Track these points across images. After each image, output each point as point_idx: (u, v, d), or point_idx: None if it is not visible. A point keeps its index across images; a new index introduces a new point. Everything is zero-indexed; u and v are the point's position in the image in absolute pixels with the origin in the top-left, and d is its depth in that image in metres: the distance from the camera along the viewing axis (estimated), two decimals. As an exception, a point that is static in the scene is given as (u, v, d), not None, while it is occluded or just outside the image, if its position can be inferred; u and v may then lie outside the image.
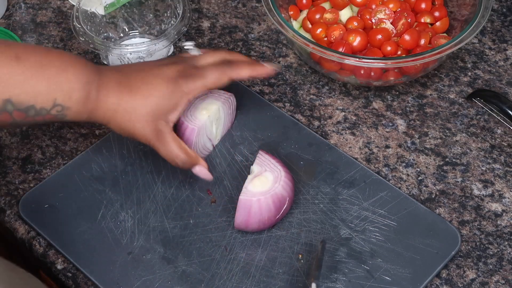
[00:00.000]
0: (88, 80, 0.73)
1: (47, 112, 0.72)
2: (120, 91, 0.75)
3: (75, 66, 0.73)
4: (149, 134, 0.77)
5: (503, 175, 0.89)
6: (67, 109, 0.73)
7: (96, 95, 0.74)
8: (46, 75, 0.71)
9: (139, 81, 0.77)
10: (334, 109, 0.97)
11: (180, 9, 0.98)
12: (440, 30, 1.00)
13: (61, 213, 0.84)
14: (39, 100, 0.71)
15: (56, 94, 0.71)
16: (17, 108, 0.70)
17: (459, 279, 0.80)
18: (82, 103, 0.73)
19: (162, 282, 0.79)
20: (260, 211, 0.79)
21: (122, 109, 0.75)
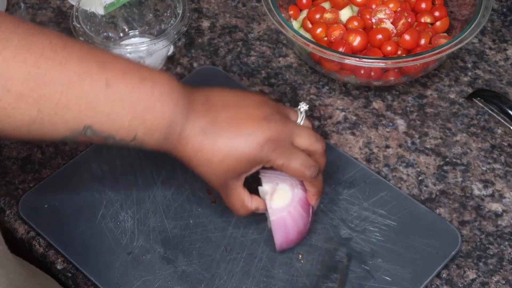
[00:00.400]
0: (173, 121, 0.70)
1: (126, 143, 0.70)
2: (201, 142, 0.71)
3: (164, 103, 0.69)
4: (218, 186, 0.75)
5: (503, 175, 0.89)
6: (146, 144, 0.71)
7: (178, 138, 0.71)
8: (132, 111, 0.68)
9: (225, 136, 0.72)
10: (334, 109, 0.97)
11: (180, 9, 0.98)
12: (440, 30, 1.00)
13: (61, 213, 0.84)
14: (120, 133, 0.68)
15: (138, 130, 0.69)
16: (97, 135, 0.68)
17: (459, 279, 0.80)
18: (161, 142, 0.71)
19: (162, 282, 0.79)
20: (295, 222, 0.78)
21: (199, 159, 0.72)
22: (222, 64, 1.02)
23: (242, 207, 0.76)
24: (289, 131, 0.74)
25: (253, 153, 0.72)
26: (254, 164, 0.73)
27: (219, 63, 1.02)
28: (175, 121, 0.70)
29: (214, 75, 0.99)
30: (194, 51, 1.04)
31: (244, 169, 0.73)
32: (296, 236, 0.79)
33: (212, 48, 1.04)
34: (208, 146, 0.72)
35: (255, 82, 1.00)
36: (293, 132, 0.75)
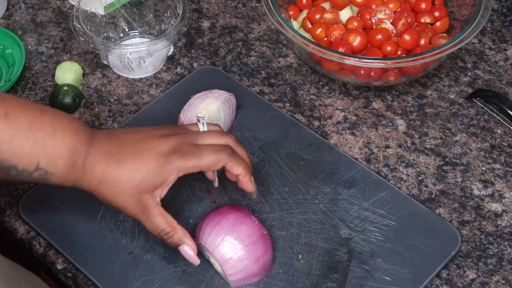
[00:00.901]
0: (75, 148, 0.70)
1: (29, 174, 0.69)
2: (107, 162, 0.72)
3: (65, 132, 0.70)
4: (133, 208, 0.73)
5: (503, 175, 0.89)
6: (50, 174, 0.70)
7: (83, 164, 0.71)
8: (32, 138, 0.68)
9: (130, 153, 0.72)
10: (334, 109, 0.97)
11: (180, 9, 0.98)
12: (440, 30, 1.00)
13: (61, 213, 0.84)
14: (22, 162, 0.68)
15: (40, 158, 0.69)
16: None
17: (459, 279, 0.80)
18: (66, 170, 0.71)
19: (162, 282, 0.79)
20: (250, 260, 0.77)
21: (107, 180, 0.72)
22: (222, 64, 1.02)
23: (166, 222, 0.73)
24: (191, 137, 0.75)
25: (160, 163, 0.72)
26: (164, 175, 0.72)
27: (219, 63, 1.02)
28: (78, 148, 0.71)
29: (214, 75, 0.99)
30: (194, 51, 1.04)
31: (155, 182, 0.72)
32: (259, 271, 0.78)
33: (212, 48, 1.04)
34: (113, 166, 0.72)
35: (255, 82, 1.00)
36: (195, 137, 0.75)
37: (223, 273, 0.77)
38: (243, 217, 0.78)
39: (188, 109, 0.88)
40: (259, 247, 0.77)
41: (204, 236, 0.77)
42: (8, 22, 1.08)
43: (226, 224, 0.76)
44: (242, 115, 0.94)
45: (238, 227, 0.76)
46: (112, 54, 0.96)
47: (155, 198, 0.73)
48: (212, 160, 0.73)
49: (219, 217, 0.77)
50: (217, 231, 0.76)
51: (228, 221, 0.77)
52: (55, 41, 1.05)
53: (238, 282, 0.77)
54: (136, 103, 0.97)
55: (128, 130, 0.76)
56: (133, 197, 0.72)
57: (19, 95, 0.98)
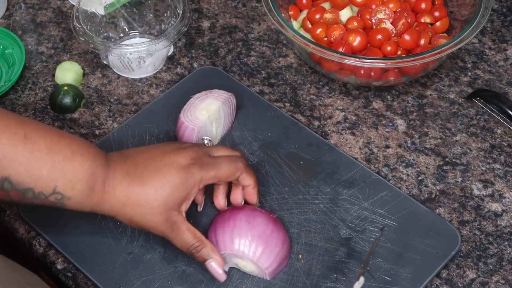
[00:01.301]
0: (93, 172, 0.70)
1: (46, 197, 0.69)
2: (129, 183, 0.72)
3: (83, 155, 0.70)
4: (162, 226, 0.73)
5: (503, 175, 0.89)
6: (67, 198, 0.70)
7: (102, 187, 0.71)
8: (50, 161, 0.68)
9: (151, 171, 0.72)
10: (334, 109, 0.97)
11: (180, 9, 0.98)
12: (440, 30, 1.00)
13: (61, 213, 0.84)
14: (39, 185, 0.68)
15: (58, 182, 0.69)
16: (15, 188, 0.68)
17: (459, 279, 0.80)
18: (86, 195, 0.70)
19: (162, 282, 0.79)
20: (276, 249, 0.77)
21: (132, 202, 0.72)
22: (222, 64, 1.02)
23: (195, 237, 0.74)
24: (204, 149, 0.77)
25: (183, 176, 0.72)
26: (188, 188, 0.73)
27: (219, 63, 1.02)
28: (96, 172, 0.71)
29: (214, 75, 0.99)
30: (194, 51, 1.04)
31: (181, 196, 0.73)
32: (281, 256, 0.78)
33: (212, 48, 1.04)
34: (137, 185, 0.72)
35: (255, 82, 1.00)
36: (208, 149, 0.77)
37: (258, 269, 0.77)
38: (250, 211, 0.78)
39: (188, 109, 0.88)
40: (279, 230, 0.78)
41: (228, 244, 0.77)
42: (8, 22, 1.08)
43: (243, 224, 0.77)
44: (242, 115, 0.94)
45: (254, 222, 0.77)
46: (112, 54, 0.96)
47: (182, 213, 0.74)
48: (230, 170, 0.76)
49: (231, 221, 0.77)
50: (239, 234, 0.76)
51: (242, 221, 0.77)
52: (55, 41, 1.05)
53: (274, 272, 0.78)
54: (136, 103, 0.97)
55: (140, 149, 0.76)
56: (162, 215, 0.72)
57: (19, 95, 0.98)
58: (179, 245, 0.74)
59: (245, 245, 0.76)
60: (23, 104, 0.97)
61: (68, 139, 0.71)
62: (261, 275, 0.78)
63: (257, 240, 0.76)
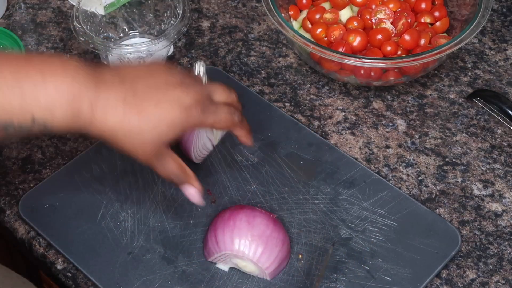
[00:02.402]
0: (75, 94, 0.65)
1: (29, 129, 0.65)
2: (125, 111, 0.67)
3: (57, 78, 0.64)
4: (150, 156, 0.71)
5: (503, 175, 0.89)
6: (51, 125, 0.65)
7: (90, 111, 0.66)
8: (19, 90, 0.62)
9: (151, 104, 0.69)
10: (334, 109, 0.97)
11: (180, 9, 0.98)
12: (440, 30, 1.00)
13: (61, 213, 0.84)
14: (15, 117, 0.63)
15: (34, 111, 0.63)
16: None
17: (459, 279, 0.80)
18: (70, 119, 0.65)
19: (162, 282, 0.79)
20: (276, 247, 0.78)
21: (125, 130, 0.68)
22: (222, 64, 1.02)
23: (179, 167, 0.74)
24: (206, 91, 0.74)
25: (184, 117, 0.70)
26: (185, 128, 0.72)
27: (219, 63, 1.02)
28: (79, 95, 0.65)
29: (214, 75, 0.99)
30: (194, 51, 1.04)
31: (176, 135, 0.71)
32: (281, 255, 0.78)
33: (212, 48, 1.04)
34: (133, 115, 0.68)
35: (255, 82, 1.00)
36: (209, 90, 0.75)
37: (258, 269, 0.77)
38: (250, 211, 0.78)
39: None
40: (279, 230, 0.78)
41: (228, 244, 0.76)
42: (8, 22, 1.08)
43: (243, 224, 0.77)
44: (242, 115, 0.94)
45: (254, 222, 0.77)
46: (112, 54, 0.96)
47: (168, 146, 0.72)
48: (227, 122, 0.76)
49: (231, 222, 0.77)
50: (239, 235, 0.76)
51: (241, 221, 0.77)
52: (55, 41, 1.05)
53: (274, 272, 0.78)
54: (136, 103, 0.97)
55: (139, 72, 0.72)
56: (152, 148, 0.70)
57: (19, 95, 0.98)
58: (162, 174, 0.74)
59: (245, 245, 0.76)
60: (23, 104, 0.97)
61: (37, 62, 0.65)
62: (261, 275, 0.78)
63: (257, 240, 0.76)
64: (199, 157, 0.88)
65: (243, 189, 0.86)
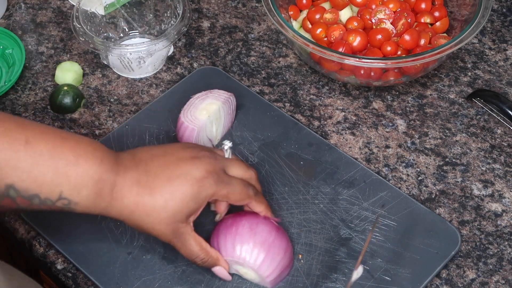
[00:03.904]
0: (100, 177, 0.69)
1: (52, 203, 0.68)
2: (138, 192, 0.70)
3: (88, 160, 0.68)
4: (169, 236, 0.72)
5: (503, 175, 0.90)
6: (75, 204, 0.69)
7: (110, 194, 0.69)
8: (53, 166, 0.67)
9: (162, 181, 0.71)
10: (334, 109, 0.97)
11: (180, 9, 0.98)
12: (440, 30, 1.00)
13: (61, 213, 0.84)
14: (44, 190, 0.67)
15: (63, 188, 0.67)
16: (21, 195, 0.67)
17: (459, 279, 0.80)
18: (92, 200, 0.69)
19: (162, 282, 0.79)
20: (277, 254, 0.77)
21: (140, 211, 0.70)
22: (222, 64, 1.02)
23: (201, 249, 0.74)
24: (221, 163, 0.75)
25: (196, 190, 0.71)
26: (199, 201, 0.72)
27: (219, 63, 1.02)
28: (103, 177, 0.69)
29: (214, 75, 0.99)
30: (194, 51, 1.04)
31: (190, 209, 0.71)
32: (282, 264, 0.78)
33: (212, 48, 1.04)
34: (147, 195, 0.70)
35: (255, 82, 1.00)
36: (224, 163, 0.75)
37: (259, 277, 0.77)
38: (253, 218, 0.77)
39: (188, 109, 0.88)
40: (281, 238, 0.77)
41: (229, 251, 0.76)
42: (8, 22, 1.08)
43: (245, 230, 0.76)
44: (242, 115, 0.94)
45: (256, 229, 0.76)
46: (112, 54, 0.96)
47: (190, 224, 0.73)
48: (242, 196, 0.74)
49: (233, 228, 0.77)
50: (241, 241, 0.76)
51: (244, 227, 0.76)
52: (55, 41, 1.05)
53: (275, 281, 0.77)
54: (136, 103, 0.97)
55: (153, 151, 0.74)
56: (169, 226, 0.71)
57: (19, 95, 0.98)
58: (185, 255, 0.74)
59: (246, 252, 0.75)
60: (23, 104, 0.97)
61: (72, 142, 0.69)
62: (262, 283, 0.78)
63: (259, 247, 0.75)
64: (199, 157, 0.88)
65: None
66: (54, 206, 0.68)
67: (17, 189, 0.66)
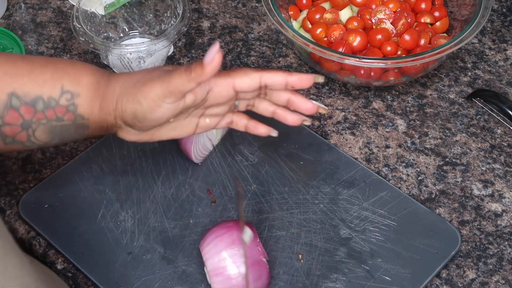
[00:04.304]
0: (97, 69, 0.72)
1: (56, 102, 0.69)
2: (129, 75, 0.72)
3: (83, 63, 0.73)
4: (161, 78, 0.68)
5: (503, 175, 0.90)
6: (77, 96, 0.69)
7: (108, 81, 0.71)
8: (52, 67, 0.70)
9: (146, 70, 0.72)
10: (334, 109, 0.97)
11: (180, 9, 0.98)
12: (440, 30, 1.00)
13: (61, 213, 0.84)
14: (46, 89, 0.68)
15: (63, 81, 0.69)
16: (24, 102, 0.67)
17: (459, 279, 0.80)
18: (92, 89, 0.70)
19: (162, 282, 0.79)
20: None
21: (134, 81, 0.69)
22: (222, 64, 1.02)
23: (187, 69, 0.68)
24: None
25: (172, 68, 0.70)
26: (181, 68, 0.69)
27: (219, 63, 1.02)
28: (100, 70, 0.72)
29: (214, 75, 0.99)
30: (194, 51, 1.04)
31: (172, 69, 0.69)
32: None
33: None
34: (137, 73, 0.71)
35: (255, 82, 1.00)
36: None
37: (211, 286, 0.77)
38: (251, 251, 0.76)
39: (188, 109, 0.88)
40: (252, 272, 0.75)
41: (204, 243, 0.77)
42: (8, 22, 1.08)
43: (228, 239, 0.76)
44: (242, 115, 0.94)
45: (237, 246, 0.75)
46: (112, 54, 0.96)
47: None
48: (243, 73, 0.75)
49: (224, 230, 0.77)
50: (216, 243, 0.76)
51: (230, 236, 0.76)
52: (55, 41, 1.05)
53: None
54: (136, 103, 0.97)
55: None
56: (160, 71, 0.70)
57: (19, 95, 0.98)
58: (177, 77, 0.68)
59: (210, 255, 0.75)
60: (23, 104, 0.97)
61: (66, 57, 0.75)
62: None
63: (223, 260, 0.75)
64: (199, 157, 0.88)
65: (243, 189, 0.86)
66: (59, 107, 0.69)
67: (19, 95, 0.67)
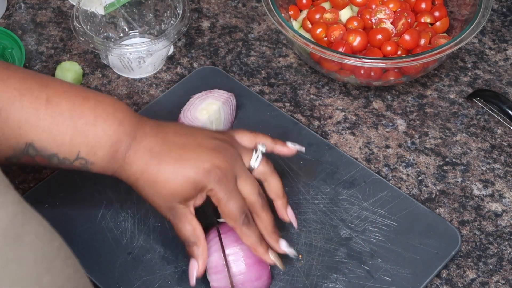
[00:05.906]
0: (118, 139, 0.69)
1: (71, 163, 0.69)
2: (147, 161, 0.70)
3: (107, 121, 0.68)
4: (166, 212, 0.71)
5: (503, 175, 0.90)
6: (91, 164, 0.69)
7: (123, 157, 0.70)
8: (72, 126, 0.67)
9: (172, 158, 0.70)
10: (334, 109, 0.97)
11: (180, 9, 0.98)
12: (440, 30, 1.00)
13: (61, 213, 0.84)
14: (62, 150, 0.68)
15: (81, 148, 0.68)
16: (40, 154, 0.67)
17: (459, 279, 0.80)
18: (107, 161, 0.69)
19: (162, 282, 0.79)
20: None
21: (145, 178, 0.70)
22: (222, 64, 1.02)
23: (193, 235, 0.72)
24: (236, 169, 0.72)
25: (198, 178, 0.70)
26: (198, 189, 0.70)
27: (219, 63, 1.02)
28: (120, 140, 0.69)
29: (214, 75, 0.99)
30: (194, 51, 1.04)
31: (190, 194, 0.70)
32: None
33: (212, 48, 1.04)
34: (153, 166, 0.70)
35: (255, 82, 1.00)
36: (240, 172, 0.72)
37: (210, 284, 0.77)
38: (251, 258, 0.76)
39: (188, 109, 0.88)
40: (252, 271, 0.75)
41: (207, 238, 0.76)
42: (8, 22, 1.08)
43: (232, 237, 0.76)
44: (242, 115, 0.94)
45: (241, 245, 0.75)
46: (112, 54, 0.96)
47: (189, 208, 0.72)
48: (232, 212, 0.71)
49: (223, 230, 0.76)
50: (216, 242, 0.76)
51: (234, 234, 0.75)
52: (55, 41, 1.05)
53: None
54: (136, 103, 0.97)
55: (179, 128, 0.73)
56: (166, 203, 0.71)
57: (19, 95, 0.98)
58: (177, 233, 0.73)
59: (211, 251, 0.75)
60: (23, 104, 0.97)
61: (93, 102, 0.69)
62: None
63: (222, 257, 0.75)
64: (199, 157, 0.88)
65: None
66: (72, 165, 0.69)
67: (36, 148, 0.67)
